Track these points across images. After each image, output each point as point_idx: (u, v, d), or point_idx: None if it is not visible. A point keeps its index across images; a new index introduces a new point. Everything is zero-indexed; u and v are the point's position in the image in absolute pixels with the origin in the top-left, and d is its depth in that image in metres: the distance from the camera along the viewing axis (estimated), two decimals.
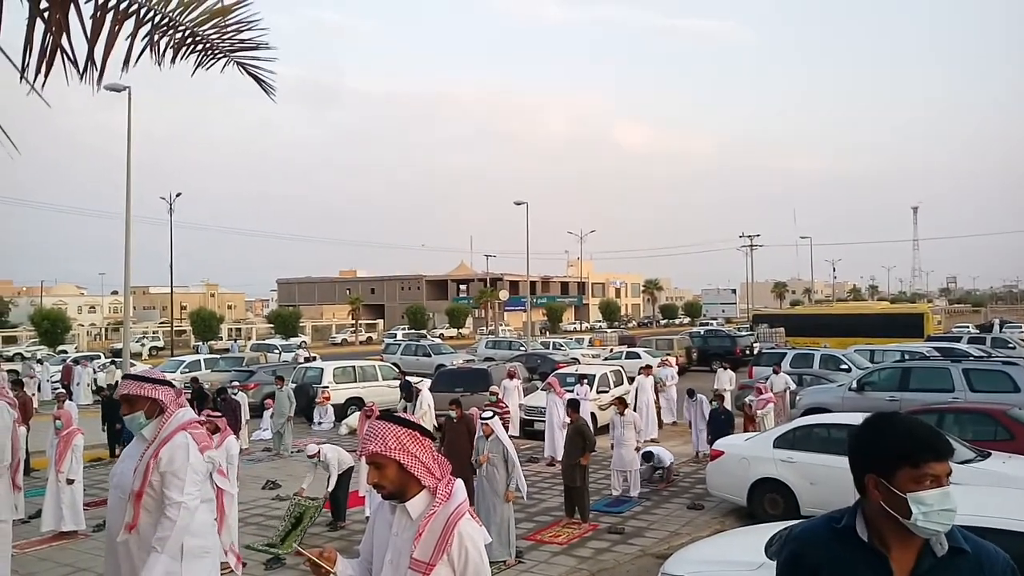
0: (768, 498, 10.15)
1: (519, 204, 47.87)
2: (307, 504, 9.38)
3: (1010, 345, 30.45)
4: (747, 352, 34.59)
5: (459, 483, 2.74)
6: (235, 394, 16.89)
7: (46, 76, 3.28)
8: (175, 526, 3.87)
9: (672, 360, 22.53)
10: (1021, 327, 49.23)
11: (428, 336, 58.98)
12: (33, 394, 22.44)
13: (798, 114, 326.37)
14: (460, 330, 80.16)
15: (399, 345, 40.71)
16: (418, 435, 2.70)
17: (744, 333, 41.91)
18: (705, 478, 11.50)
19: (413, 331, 67.10)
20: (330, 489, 10.03)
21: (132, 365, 24.87)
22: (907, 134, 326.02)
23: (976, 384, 14.55)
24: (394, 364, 27.83)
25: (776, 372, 18.18)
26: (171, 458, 3.94)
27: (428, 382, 20.55)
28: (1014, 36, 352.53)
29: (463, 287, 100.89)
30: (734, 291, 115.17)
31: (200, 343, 57.67)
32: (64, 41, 3.34)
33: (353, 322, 79.02)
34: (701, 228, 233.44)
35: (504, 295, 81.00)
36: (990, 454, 9.22)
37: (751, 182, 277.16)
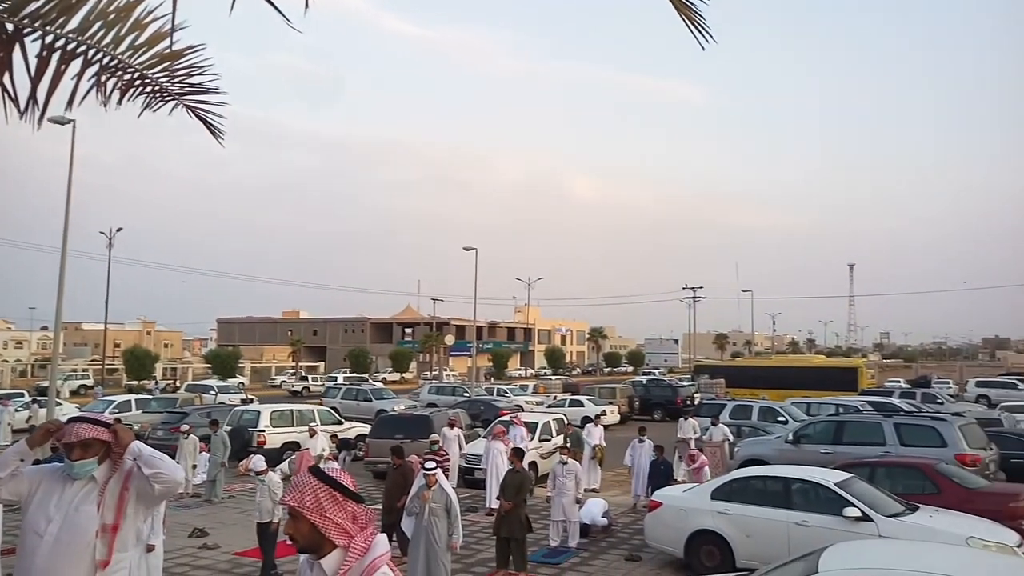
0: (705, 550, 10.16)
1: (468, 250, 47.99)
2: None
3: (938, 400, 31.45)
4: (688, 402, 34.99)
5: (380, 537, 2.74)
6: (186, 437, 16.40)
7: None
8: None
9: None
10: (949, 383, 50.99)
11: (370, 380, 58.11)
12: None
13: (745, 172, 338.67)
14: (404, 374, 79.19)
15: (339, 389, 40.07)
16: (339, 496, 2.69)
17: (686, 383, 42.35)
18: (644, 529, 11.51)
19: (355, 375, 66.01)
20: (277, 519, 9.73)
21: (57, 404, 23.93)
22: (848, 197, 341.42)
23: (906, 439, 14.98)
24: (333, 408, 27.37)
25: (715, 423, 18.43)
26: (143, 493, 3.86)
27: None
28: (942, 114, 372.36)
29: (409, 331, 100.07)
30: (676, 341, 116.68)
31: (134, 381, 55.31)
32: (6, 79, 3.31)
33: (293, 365, 77.50)
34: (647, 278, 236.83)
35: (450, 339, 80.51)
36: (918, 507, 9.48)
37: (696, 235, 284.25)
